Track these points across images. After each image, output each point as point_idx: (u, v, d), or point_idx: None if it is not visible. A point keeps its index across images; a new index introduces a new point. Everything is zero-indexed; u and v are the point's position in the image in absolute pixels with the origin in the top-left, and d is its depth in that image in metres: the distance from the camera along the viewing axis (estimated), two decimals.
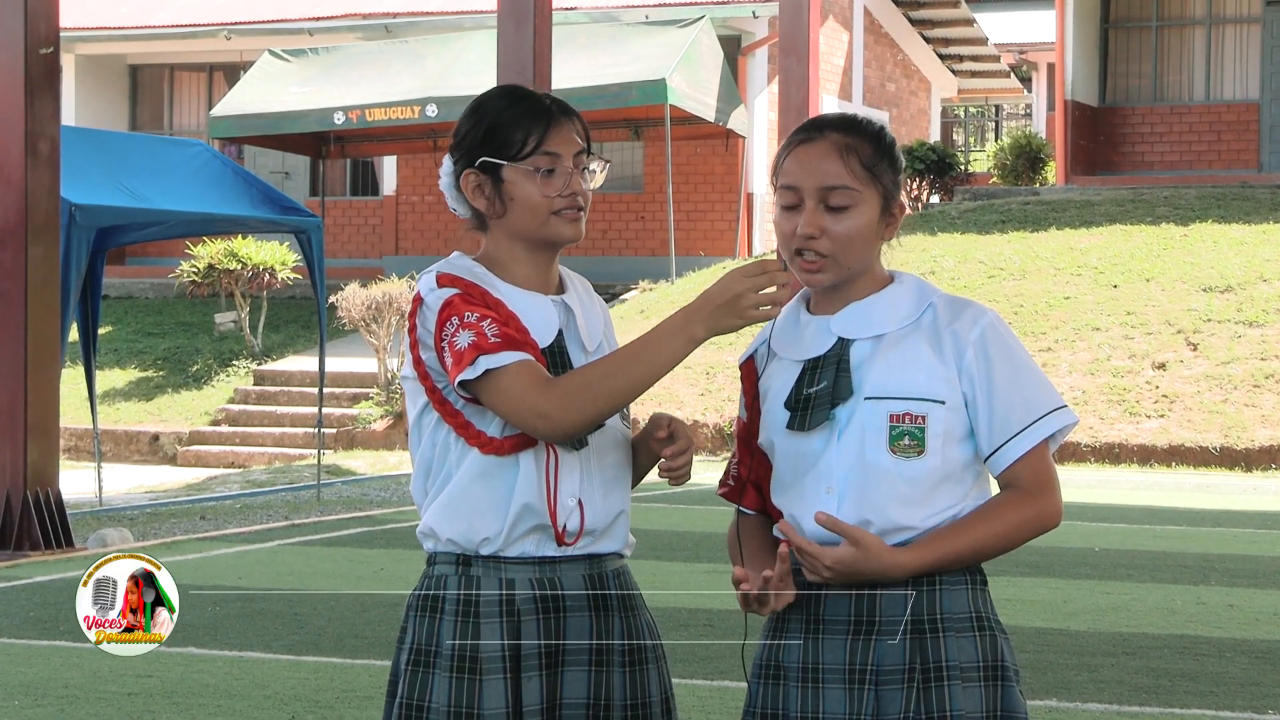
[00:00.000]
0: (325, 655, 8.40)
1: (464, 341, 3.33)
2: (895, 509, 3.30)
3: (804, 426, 3.33)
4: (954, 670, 3.28)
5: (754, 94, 27.55)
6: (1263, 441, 18.19)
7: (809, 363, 3.38)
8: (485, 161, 3.48)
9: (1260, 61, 28.75)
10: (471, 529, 3.40)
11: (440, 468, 3.44)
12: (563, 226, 3.48)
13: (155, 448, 22.05)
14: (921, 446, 3.30)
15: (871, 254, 3.41)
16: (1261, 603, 10.03)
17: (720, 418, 19.90)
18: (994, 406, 3.34)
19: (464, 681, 3.35)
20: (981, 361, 3.34)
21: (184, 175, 15.27)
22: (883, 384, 3.31)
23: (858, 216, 3.36)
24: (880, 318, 3.38)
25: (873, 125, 3.46)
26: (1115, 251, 22.79)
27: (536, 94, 3.54)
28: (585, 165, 3.51)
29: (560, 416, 3.30)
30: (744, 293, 3.21)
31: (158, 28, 30.19)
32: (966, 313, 3.39)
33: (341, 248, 29.58)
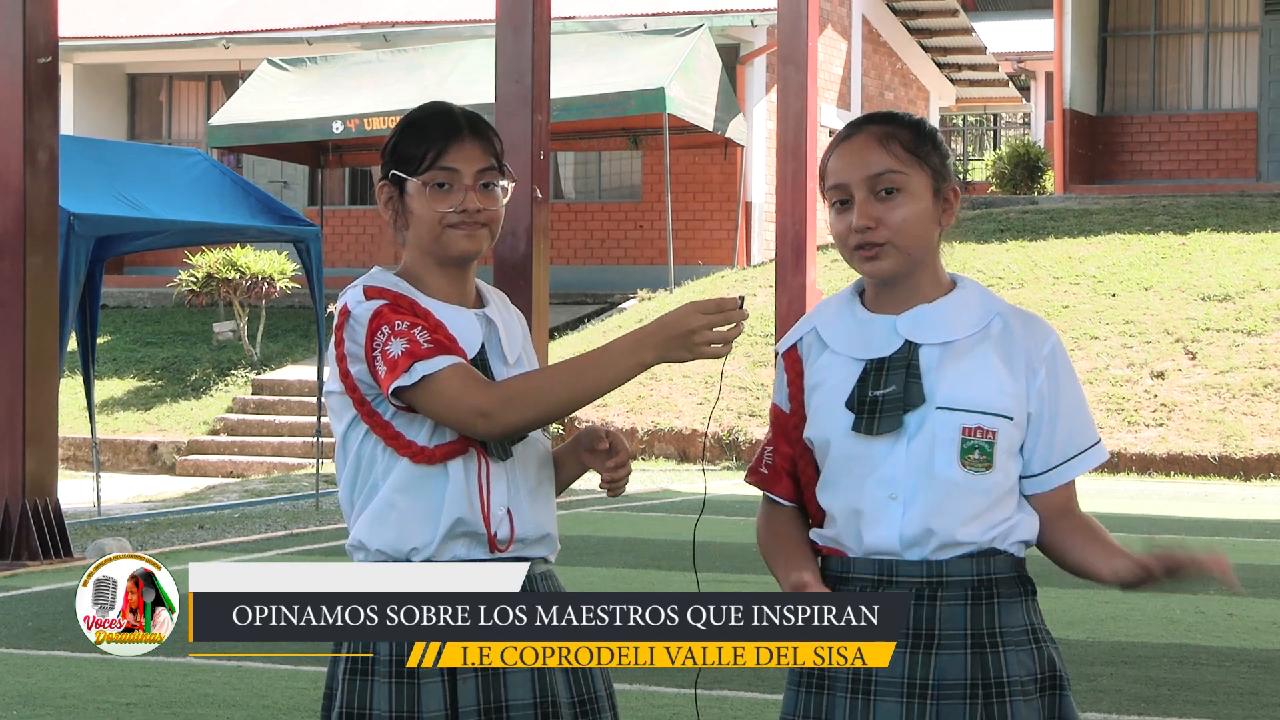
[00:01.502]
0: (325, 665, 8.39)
1: (397, 350, 3.36)
2: (959, 523, 3.29)
3: (872, 431, 3.30)
4: (1014, 685, 3.27)
5: (752, 103, 27.57)
6: (1261, 450, 18.19)
7: (873, 363, 3.34)
8: (394, 174, 3.54)
9: (1258, 70, 28.77)
10: (400, 539, 3.41)
11: (366, 479, 3.46)
12: (458, 240, 3.51)
13: (154, 457, 22.04)
14: (990, 462, 3.29)
15: (931, 241, 3.38)
16: (1261, 612, 10.03)
17: (718, 427, 19.89)
18: (1056, 428, 3.35)
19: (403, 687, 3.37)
20: (1052, 382, 3.35)
21: (182, 184, 15.27)
22: (955, 394, 3.29)
23: (910, 201, 3.33)
24: (949, 323, 3.35)
25: (910, 115, 3.46)
26: (1114, 260, 22.80)
27: (453, 110, 3.57)
28: (491, 182, 3.53)
29: (501, 416, 3.32)
30: (699, 329, 3.24)
31: (156, 37, 30.20)
32: (1038, 329, 3.38)
33: (340, 257, 29.57)
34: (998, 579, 3.32)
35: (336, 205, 30.43)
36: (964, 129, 46.49)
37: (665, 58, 24.70)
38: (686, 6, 27.41)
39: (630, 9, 27.77)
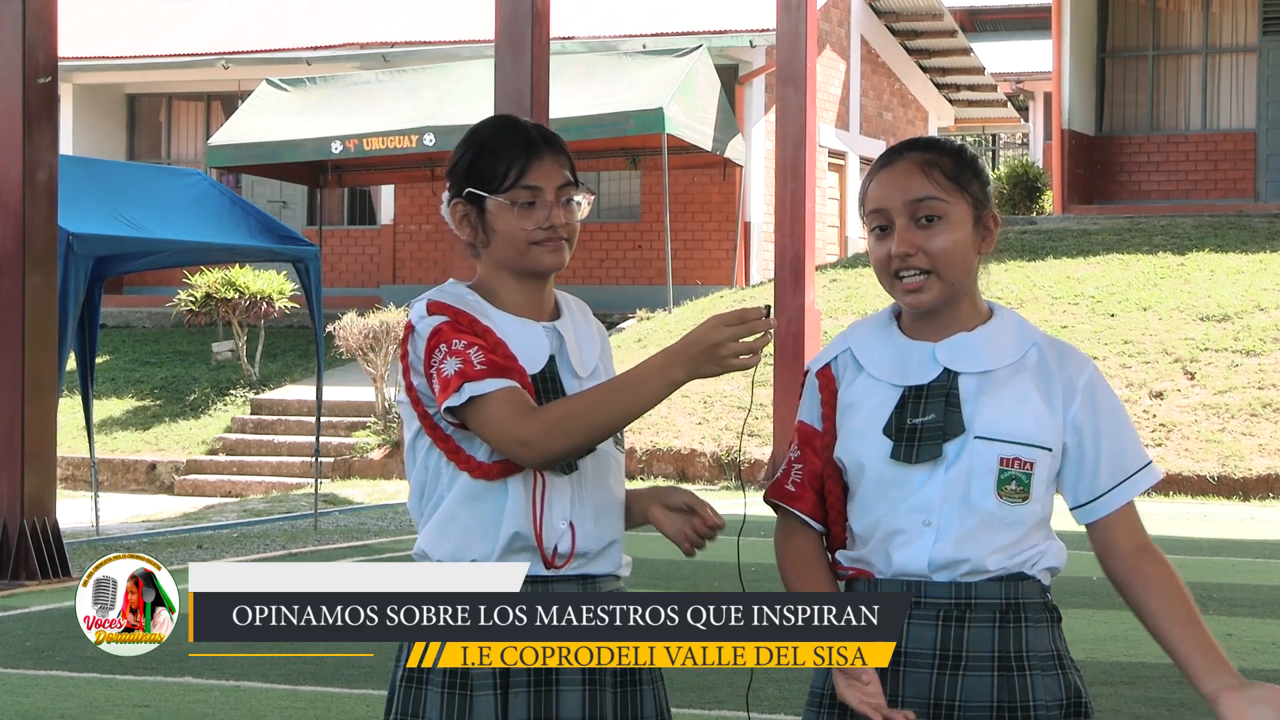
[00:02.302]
0: (323, 685, 8.39)
1: (451, 369, 3.38)
2: (991, 553, 3.28)
3: (911, 459, 3.29)
4: (1040, 709, 3.27)
5: (751, 123, 27.59)
6: (1260, 470, 18.19)
7: (911, 390, 3.33)
8: (470, 192, 3.54)
9: (1256, 91, 28.80)
10: (460, 551, 3.43)
11: (433, 491, 3.49)
12: (543, 256, 3.53)
13: (152, 477, 22.03)
14: (1027, 493, 3.29)
15: (971, 269, 3.38)
16: (1260, 632, 10.02)
17: (718, 447, 19.89)
18: (1101, 455, 3.34)
19: (455, 697, 3.39)
20: (1089, 410, 3.34)
21: (181, 204, 15.28)
22: (994, 425, 3.29)
23: (951, 229, 3.33)
24: (988, 353, 3.35)
25: (952, 142, 3.46)
26: (1112, 280, 22.81)
27: (525, 125, 3.59)
28: (570, 197, 3.55)
29: (541, 445, 3.33)
30: (723, 341, 3.23)
31: (155, 57, 30.24)
32: (1073, 359, 3.39)
33: (339, 277, 29.60)
34: (1025, 603, 3.32)
35: (335, 225, 30.44)
36: None
37: (664, 78, 24.74)
38: (685, 27, 27.45)
39: (629, 29, 27.81)
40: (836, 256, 29.31)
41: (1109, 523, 3.37)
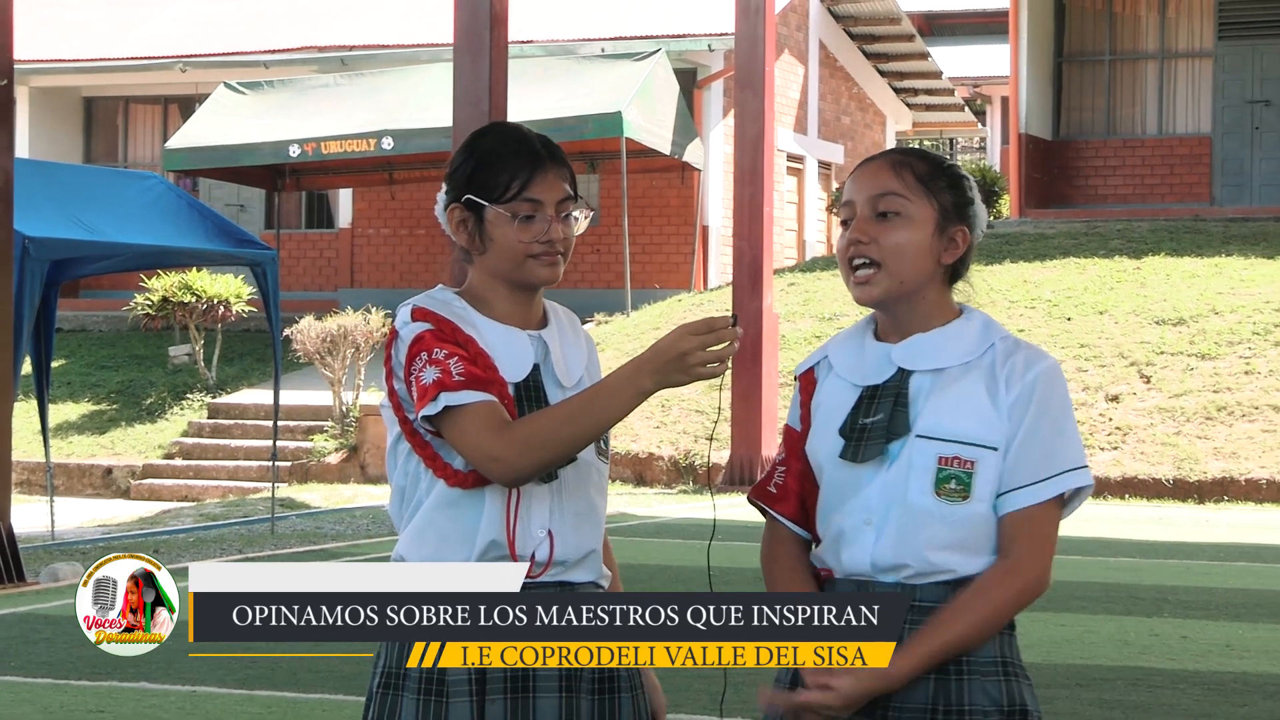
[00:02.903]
0: (279, 689, 8.37)
1: (429, 378, 3.38)
2: (933, 552, 3.28)
3: (857, 458, 3.32)
4: (975, 714, 3.27)
5: (710, 127, 27.62)
6: (1215, 474, 18.27)
7: (867, 390, 3.37)
8: (470, 199, 3.53)
9: (1212, 95, 28.94)
10: (437, 556, 3.44)
11: (412, 495, 3.50)
12: (539, 270, 3.53)
13: (108, 481, 21.95)
14: (967, 492, 3.28)
15: (926, 274, 3.38)
16: (1214, 634, 10.07)
17: (675, 451, 19.90)
18: (1017, 449, 3.30)
19: (430, 704, 3.39)
20: (1022, 405, 3.31)
21: (138, 208, 15.22)
22: (935, 423, 3.30)
23: (908, 228, 3.35)
24: (941, 351, 3.37)
25: (940, 156, 3.49)
26: (1069, 284, 22.90)
27: (530, 136, 3.58)
28: (569, 212, 3.56)
29: (512, 461, 3.34)
30: (691, 350, 3.24)
31: (112, 60, 30.13)
32: (1022, 355, 3.36)
33: (297, 280, 29.53)
34: None
35: (293, 229, 30.38)
36: None
37: (623, 82, 24.74)
38: (644, 31, 27.46)
39: (588, 33, 27.81)
40: (794, 260, 29.34)
41: (1010, 522, 3.31)
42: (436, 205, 3.64)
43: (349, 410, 21.60)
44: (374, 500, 18.81)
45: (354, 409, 21.57)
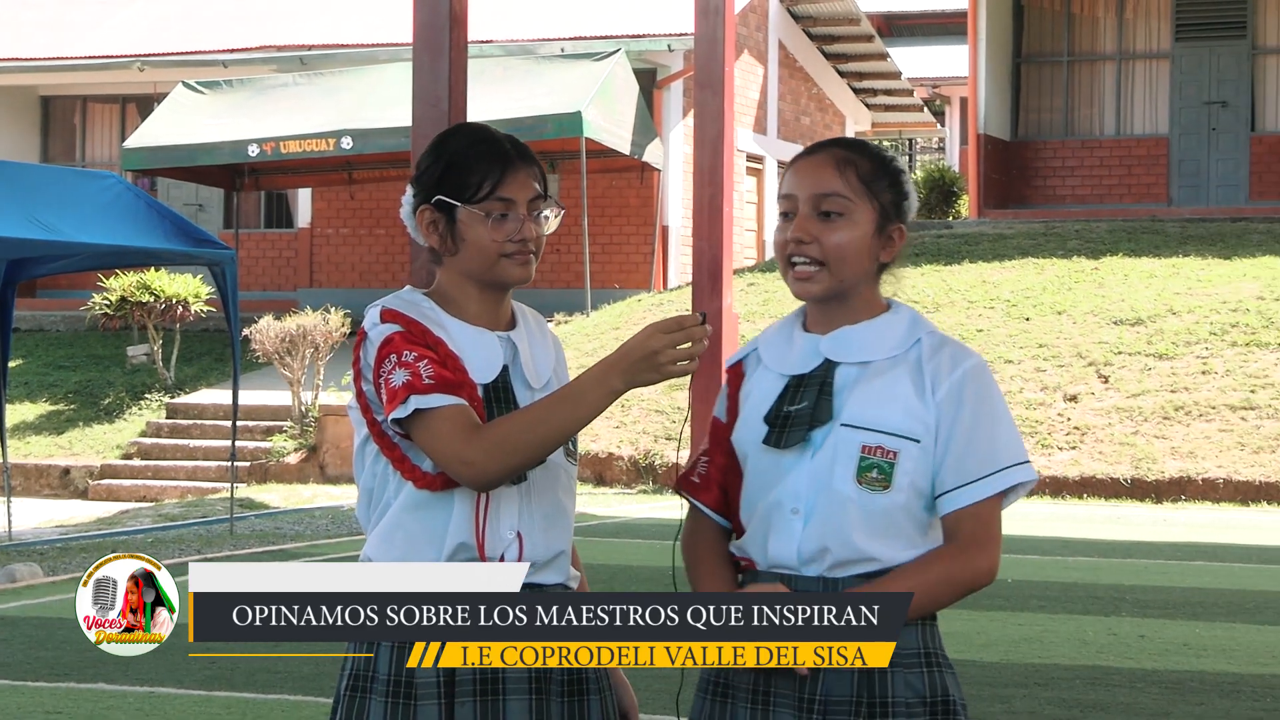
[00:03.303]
0: (237, 690, 8.35)
1: (399, 380, 3.38)
2: (858, 538, 3.32)
3: (780, 444, 3.36)
4: (899, 706, 3.30)
5: (669, 127, 27.63)
6: (1172, 473, 18.34)
7: (793, 379, 3.42)
8: (441, 200, 3.53)
9: (1169, 96, 29.06)
10: (406, 558, 3.43)
11: (380, 497, 3.49)
12: (512, 269, 3.55)
13: (66, 481, 21.86)
14: (888, 482, 3.32)
15: (865, 272, 3.44)
16: (1172, 633, 10.11)
17: (635, 451, 19.90)
18: (954, 449, 3.35)
19: (399, 706, 3.38)
20: (953, 403, 3.36)
21: (96, 207, 15.15)
22: (860, 413, 3.34)
23: (850, 228, 3.40)
24: (868, 344, 3.41)
25: (879, 149, 3.51)
26: (1027, 284, 22.97)
27: (498, 137, 3.59)
28: (540, 211, 3.57)
29: (483, 465, 3.33)
30: (661, 349, 3.25)
31: (70, 59, 30.01)
32: (949, 352, 3.42)
33: (256, 280, 29.45)
34: None
35: (252, 229, 30.29)
36: None
37: (582, 81, 24.73)
38: (604, 31, 27.45)
39: (548, 33, 27.79)
40: (754, 260, 29.37)
41: (953, 519, 3.37)
42: (402, 208, 3.63)
43: (308, 410, 21.55)
44: (333, 500, 18.77)
45: (313, 409, 21.52)
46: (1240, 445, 18.62)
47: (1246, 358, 20.14)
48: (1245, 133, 28.70)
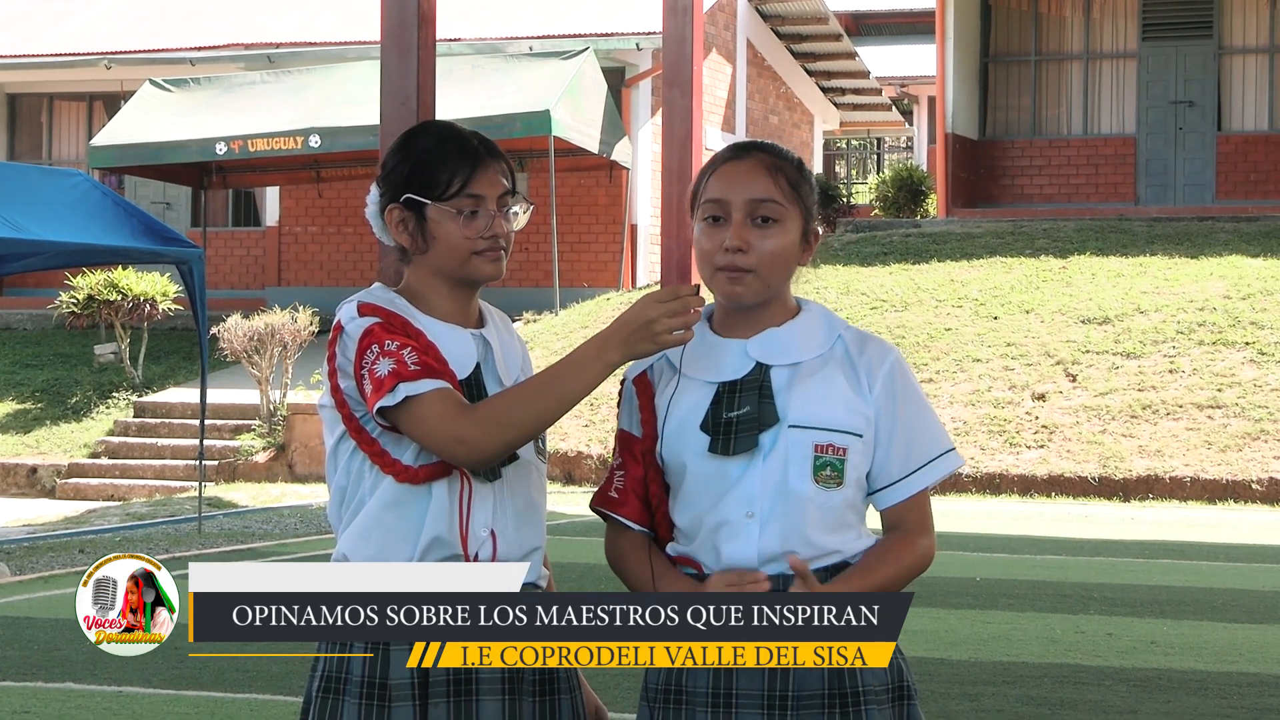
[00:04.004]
0: (206, 689, 8.33)
1: (384, 369, 3.37)
2: (818, 534, 3.36)
3: (728, 451, 3.36)
4: (870, 694, 3.33)
5: (638, 126, 27.63)
6: (1140, 472, 18.39)
7: (725, 385, 3.41)
8: (410, 198, 3.52)
9: (1136, 96, 29.15)
10: (382, 556, 3.42)
11: (354, 495, 3.47)
12: (483, 266, 3.55)
13: (33, 480, 21.79)
14: (841, 478, 3.37)
15: (790, 276, 3.47)
16: (1139, 631, 10.14)
17: (604, 449, 19.90)
18: (894, 444, 3.42)
19: (373, 708, 3.38)
20: (887, 399, 3.42)
21: (63, 205, 15.10)
22: (805, 413, 3.37)
23: (783, 234, 3.42)
24: (796, 345, 3.43)
25: (793, 154, 3.54)
26: (995, 283, 23.01)
27: (466, 134, 3.58)
28: (509, 207, 3.57)
29: (478, 442, 3.33)
30: (657, 318, 3.27)
31: (36, 56, 29.90)
32: (873, 349, 3.46)
33: (224, 279, 29.39)
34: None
35: (220, 227, 30.22)
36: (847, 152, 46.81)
37: (551, 80, 24.72)
38: (572, 29, 27.45)
39: (516, 31, 27.78)
40: None
41: (898, 510, 3.45)
42: (368, 207, 3.62)
43: (276, 409, 21.51)
44: (302, 499, 18.74)
45: (281, 408, 21.48)
46: (1207, 444, 18.69)
47: (1213, 357, 20.22)
48: (1212, 132, 28.80)
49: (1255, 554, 14.21)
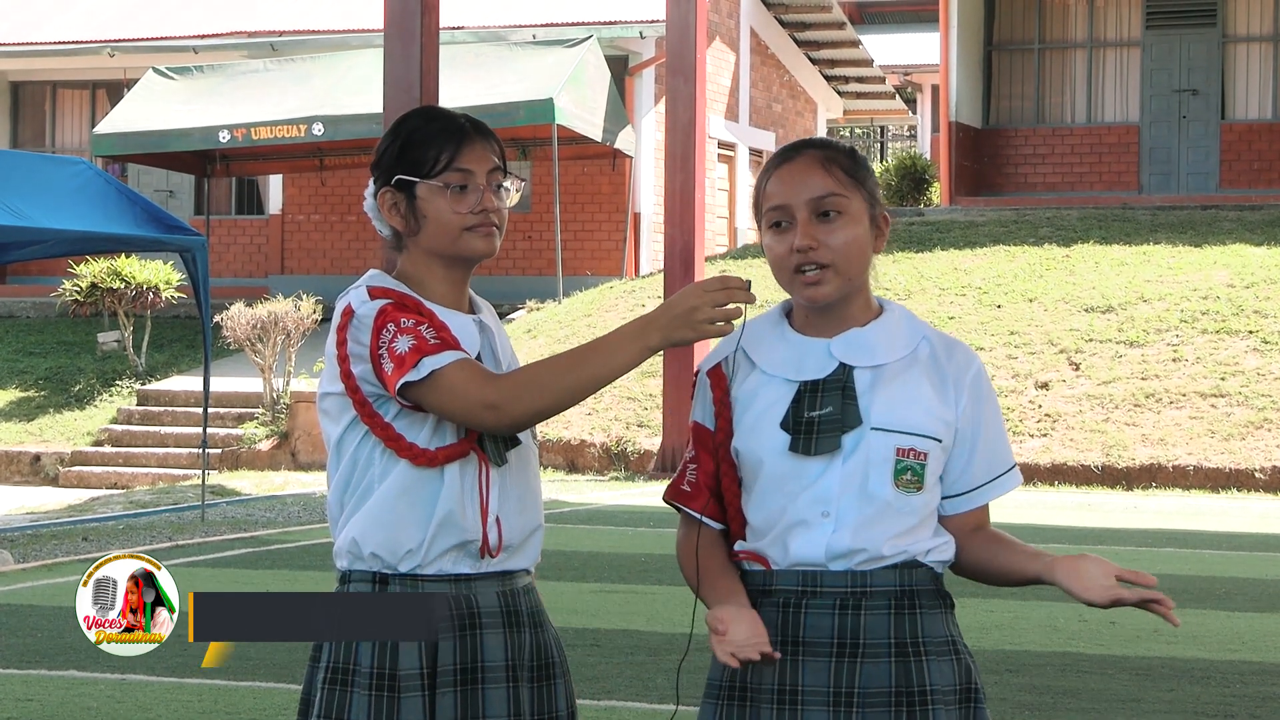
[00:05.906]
0: (209, 678, 8.33)
1: (404, 346, 3.36)
2: (893, 536, 3.34)
3: (810, 451, 3.33)
4: (937, 694, 3.31)
5: (641, 114, 27.61)
6: (1143, 460, 18.40)
7: (807, 384, 3.37)
8: (400, 179, 3.52)
9: (1140, 84, 29.13)
10: (395, 541, 3.42)
11: (361, 482, 3.46)
12: (476, 242, 3.53)
13: (37, 468, 21.80)
14: (921, 483, 3.35)
15: (868, 266, 3.44)
16: (1141, 620, 10.13)
17: (607, 438, 19.91)
18: (977, 450, 3.42)
19: (383, 699, 3.38)
20: (975, 406, 3.42)
21: (67, 193, 15.09)
22: (888, 416, 3.34)
23: (851, 224, 3.39)
24: (880, 347, 3.41)
25: (844, 143, 3.52)
26: (999, 272, 23.01)
27: (452, 113, 3.59)
28: (500, 183, 3.56)
29: (509, 407, 3.34)
30: (701, 306, 3.25)
31: (40, 44, 29.89)
32: (960, 354, 3.46)
33: (226, 267, 29.38)
34: (919, 590, 3.37)
35: (223, 215, 30.22)
36: (851, 141, 46.80)
37: (554, 68, 24.71)
38: (575, 18, 27.43)
39: (519, 20, 27.76)
40: (726, 248, 29.38)
41: (968, 517, 3.47)
42: (365, 201, 3.62)
43: (279, 397, 21.52)
44: (305, 487, 18.75)
45: (285, 396, 21.49)
46: (1210, 432, 18.69)
47: (1217, 345, 20.21)
48: (1215, 120, 28.78)
49: (1258, 543, 14.22)
